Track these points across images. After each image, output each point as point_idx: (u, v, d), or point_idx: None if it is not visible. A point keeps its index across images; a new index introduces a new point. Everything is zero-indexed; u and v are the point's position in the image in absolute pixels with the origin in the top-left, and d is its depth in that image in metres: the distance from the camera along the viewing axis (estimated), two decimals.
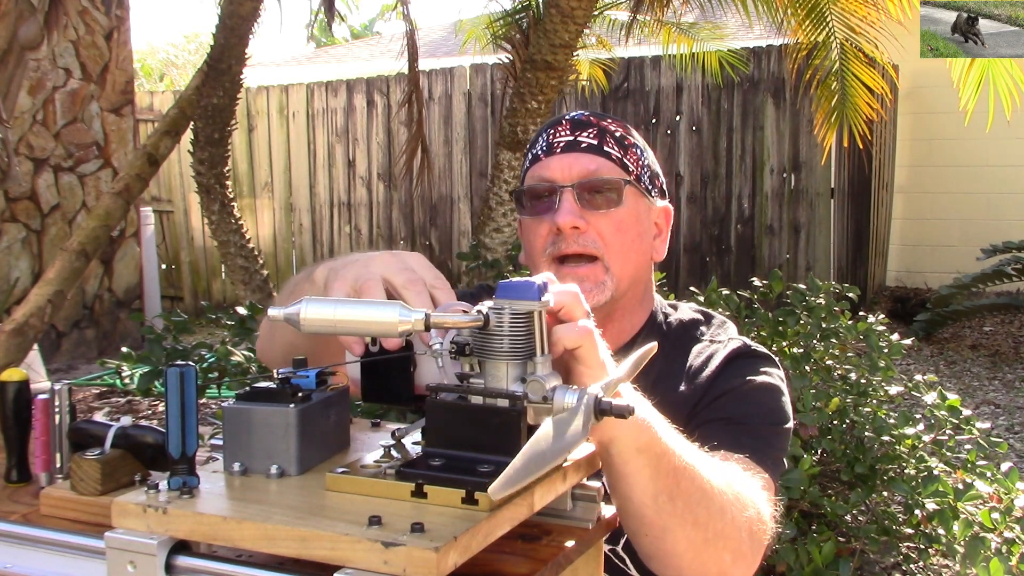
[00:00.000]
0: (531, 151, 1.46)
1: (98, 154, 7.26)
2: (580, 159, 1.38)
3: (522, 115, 4.54)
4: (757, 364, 1.38)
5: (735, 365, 1.37)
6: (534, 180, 1.41)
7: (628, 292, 1.40)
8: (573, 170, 1.38)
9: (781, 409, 1.36)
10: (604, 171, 1.38)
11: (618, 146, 1.41)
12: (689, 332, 1.45)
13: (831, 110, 5.07)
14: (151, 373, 2.88)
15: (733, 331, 1.47)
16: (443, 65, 9.10)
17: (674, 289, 6.07)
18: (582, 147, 1.39)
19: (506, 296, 0.85)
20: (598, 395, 0.83)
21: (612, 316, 1.41)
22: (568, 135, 1.41)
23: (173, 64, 23.90)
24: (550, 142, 1.42)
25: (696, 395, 1.35)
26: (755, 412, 1.32)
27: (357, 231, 9.35)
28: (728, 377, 1.35)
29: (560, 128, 1.42)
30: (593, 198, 1.37)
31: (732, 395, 1.33)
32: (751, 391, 1.34)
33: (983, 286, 7.28)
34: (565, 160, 1.39)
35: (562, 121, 1.43)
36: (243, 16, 4.75)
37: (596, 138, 1.40)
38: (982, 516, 2.63)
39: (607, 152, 1.39)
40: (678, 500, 1.00)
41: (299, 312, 0.81)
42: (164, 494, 0.77)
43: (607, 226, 1.36)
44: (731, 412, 1.30)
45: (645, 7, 5.65)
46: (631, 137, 1.44)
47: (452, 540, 0.68)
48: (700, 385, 1.36)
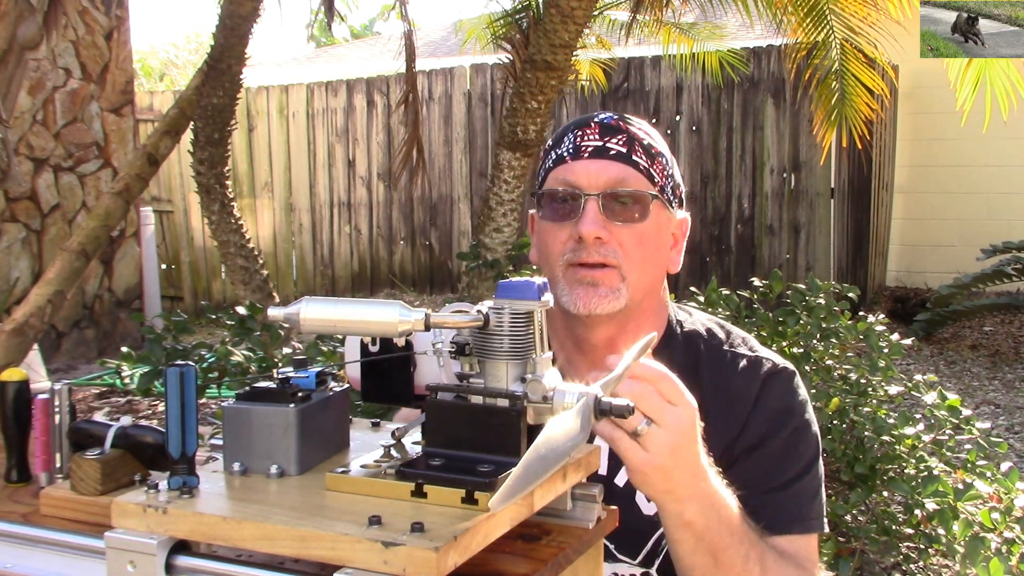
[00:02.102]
0: (555, 150, 1.40)
1: (98, 154, 7.26)
2: (608, 167, 1.34)
3: (522, 115, 4.54)
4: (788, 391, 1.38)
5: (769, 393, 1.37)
6: (558, 183, 1.36)
7: (643, 303, 1.38)
8: (600, 178, 1.33)
9: (813, 443, 1.37)
10: (631, 182, 1.34)
11: (646, 155, 1.37)
12: (710, 343, 1.42)
13: (830, 110, 5.07)
14: (151, 373, 2.87)
15: (753, 341, 1.45)
16: (443, 65, 9.11)
17: (674, 289, 6.05)
18: (611, 154, 1.35)
19: (506, 296, 0.85)
20: (598, 395, 0.83)
21: (626, 327, 1.38)
22: (597, 139, 1.36)
23: (173, 64, 23.89)
24: (577, 145, 1.37)
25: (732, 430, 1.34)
26: (791, 465, 1.34)
27: (357, 231, 9.35)
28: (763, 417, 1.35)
29: (588, 131, 1.37)
30: (618, 209, 1.33)
31: (769, 450, 1.33)
32: (787, 440, 1.34)
33: (983, 286, 7.27)
34: (593, 166, 1.34)
35: (591, 123, 1.38)
36: (243, 16, 4.75)
37: (625, 145, 1.36)
38: (982, 516, 2.63)
39: (635, 162, 1.35)
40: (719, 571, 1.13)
41: (299, 312, 0.81)
42: (164, 494, 0.77)
43: (629, 238, 1.33)
44: (769, 475, 1.32)
45: (645, 7, 5.65)
46: (657, 145, 1.40)
47: (452, 540, 0.68)
48: (737, 418, 1.35)
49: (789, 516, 1.30)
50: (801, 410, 1.37)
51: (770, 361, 1.39)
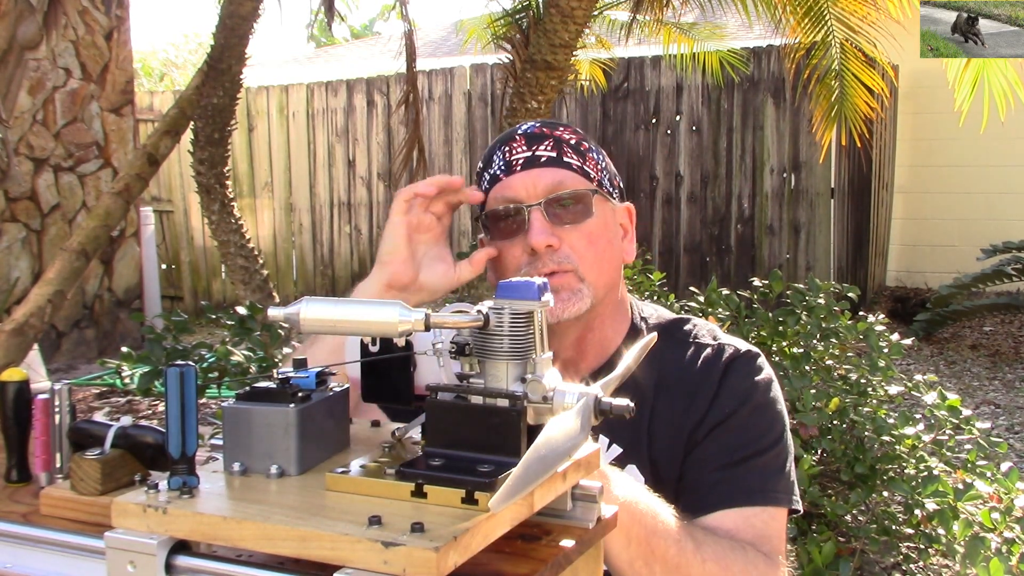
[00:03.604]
0: (487, 171, 1.40)
1: (98, 154, 7.26)
2: (543, 174, 1.34)
3: (522, 115, 4.54)
4: (751, 371, 1.37)
5: (732, 375, 1.36)
6: (498, 202, 1.36)
7: (605, 299, 1.38)
8: (538, 187, 1.34)
9: (778, 419, 1.35)
10: (568, 183, 1.34)
11: (576, 154, 1.37)
12: (676, 335, 1.43)
13: (830, 109, 5.07)
14: (151, 373, 2.87)
15: (717, 331, 1.45)
16: (443, 65, 9.10)
17: (674, 289, 6.07)
18: (542, 161, 1.35)
19: (506, 296, 0.85)
20: (598, 395, 0.83)
21: (591, 325, 1.39)
22: (525, 150, 1.36)
23: (173, 64, 23.89)
24: (508, 160, 1.37)
25: (695, 415, 1.33)
26: (755, 439, 1.31)
27: (357, 231, 9.35)
28: (727, 396, 1.34)
29: (515, 144, 1.37)
30: (562, 213, 1.33)
31: (732, 425, 1.32)
32: (750, 414, 1.33)
33: (983, 286, 7.28)
34: (527, 177, 1.34)
35: (515, 136, 1.39)
36: (243, 16, 4.75)
37: (554, 149, 1.36)
38: (982, 516, 2.63)
39: (567, 163, 1.36)
40: (655, 565, 1.05)
41: (299, 312, 0.81)
42: (164, 494, 0.77)
43: (579, 239, 1.33)
44: (733, 449, 1.30)
45: (645, 7, 5.65)
46: (585, 142, 1.40)
47: (452, 540, 0.68)
48: (700, 403, 1.34)
49: (750, 487, 1.27)
50: (765, 387, 1.36)
51: (732, 347, 1.40)
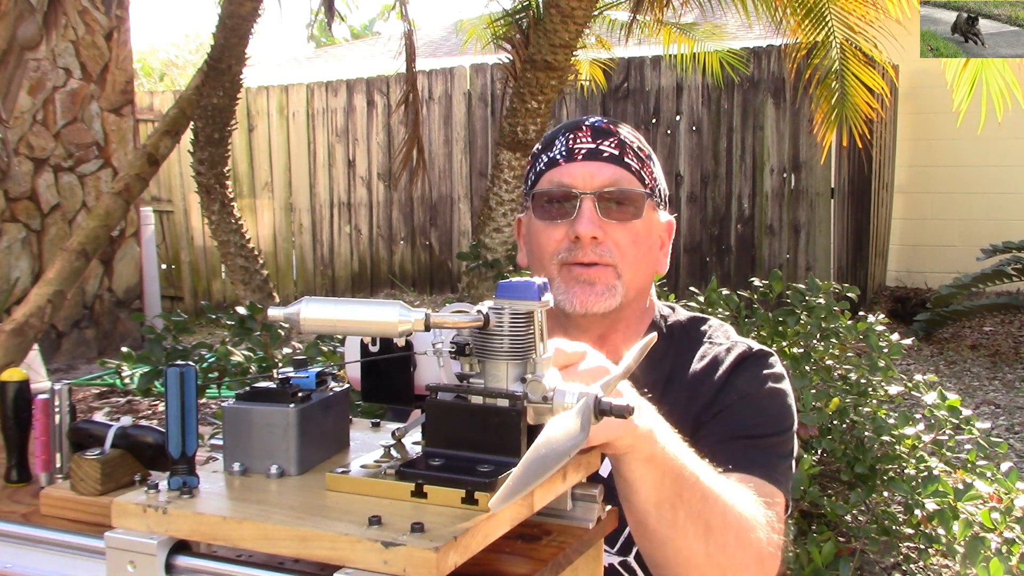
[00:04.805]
0: (547, 153, 1.43)
1: (98, 154, 7.26)
2: (602, 168, 1.37)
3: (522, 115, 4.54)
4: (762, 367, 1.38)
5: (742, 369, 1.37)
6: (552, 184, 1.39)
7: (634, 302, 1.41)
8: (595, 179, 1.36)
9: (787, 413, 1.36)
10: (624, 183, 1.37)
11: (636, 158, 1.40)
12: (691, 334, 1.45)
13: (830, 109, 5.07)
14: (151, 373, 2.87)
15: (732, 332, 1.47)
16: (443, 65, 9.10)
17: (674, 289, 6.07)
18: (604, 156, 1.38)
19: (506, 296, 0.85)
20: (598, 395, 0.83)
21: (617, 326, 1.41)
22: (589, 142, 1.39)
23: (173, 64, 23.89)
24: (570, 147, 1.39)
25: (702, 400, 1.35)
26: (763, 423, 1.32)
27: (357, 231, 9.35)
28: (736, 385, 1.35)
29: (580, 134, 1.40)
30: (613, 209, 1.36)
31: (740, 406, 1.33)
32: (759, 399, 1.34)
33: (983, 286, 7.27)
34: (587, 168, 1.37)
35: (582, 127, 1.41)
36: (243, 16, 4.76)
37: (617, 148, 1.39)
38: (982, 516, 2.63)
39: (627, 164, 1.38)
40: (680, 510, 1.01)
41: (299, 312, 0.81)
42: (164, 494, 0.77)
43: (624, 237, 1.36)
44: (739, 426, 1.30)
45: (645, 7, 5.65)
46: (646, 149, 1.44)
47: (452, 540, 0.68)
48: (707, 391, 1.35)
49: (754, 461, 1.25)
50: (776, 380, 1.37)
51: (745, 345, 1.41)
